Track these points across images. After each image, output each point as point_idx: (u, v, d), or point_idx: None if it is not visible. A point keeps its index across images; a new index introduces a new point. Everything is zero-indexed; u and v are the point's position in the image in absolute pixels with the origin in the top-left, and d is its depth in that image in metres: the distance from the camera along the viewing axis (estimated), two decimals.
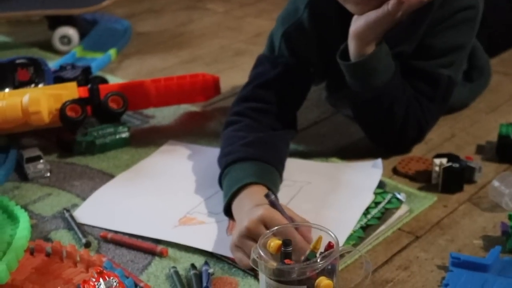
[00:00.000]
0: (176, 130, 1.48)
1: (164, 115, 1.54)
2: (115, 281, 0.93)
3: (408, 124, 1.28)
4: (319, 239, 0.88)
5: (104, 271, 0.94)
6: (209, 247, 1.07)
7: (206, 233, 1.12)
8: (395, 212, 1.12)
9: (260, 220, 0.99)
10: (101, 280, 0.93)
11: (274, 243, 0.89)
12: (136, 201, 1.22)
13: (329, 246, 0.87)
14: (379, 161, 1.24)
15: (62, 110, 1.34)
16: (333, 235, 0.88)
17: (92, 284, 0.93)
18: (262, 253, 0.86)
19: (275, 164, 1.16)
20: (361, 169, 1.25)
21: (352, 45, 1.19)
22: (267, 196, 1.02)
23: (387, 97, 1.24)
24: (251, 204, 1.04)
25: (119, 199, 1.23)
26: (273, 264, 0.85)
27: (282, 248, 0.87)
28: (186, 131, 1.47)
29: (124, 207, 1.20)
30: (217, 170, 1.20)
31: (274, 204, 1.01)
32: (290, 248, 0.87)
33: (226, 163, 1.16)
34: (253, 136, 1.20)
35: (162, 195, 1.24)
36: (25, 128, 1.34)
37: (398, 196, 1.15)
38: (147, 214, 1.18)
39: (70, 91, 1.38)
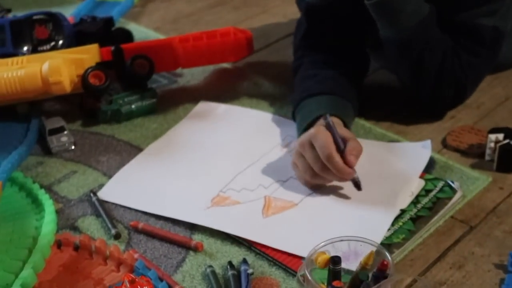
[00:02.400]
0: (206, 91, 1.38)
1: (193, 73, 1.43)
2: None
3: (442, 79, 1.18)
4: (371, 254, 0.80)
5: (137, 279, 0.87)
6: (243, 233, 1.00)
7: (240, 215, 1.05)
8: (447, 203, 1.03)
9: (308, 138, 1.04)
10: None
11: (322, 257, 0.81)
12: (166, 177, 1.14)
13: (383, 265, 0.78)
14: (428, 142, 1.15)
15: (84, 78, 1.24)
16: (388, 255, 0.79)
17: None
18: (308, 275, 0.78)
19: (349, 98, 1.18)
20: (408, 151, 1.15)
21: None
22: (324, 118, 1.06)
23: (416, 43, 1.15)
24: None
25: (147, 175, 1.15)
26: None
27: (331, 266, 0.80)
28: (217, 92, 1.37)
29: (153, 185, 1.13)
30: (254, 135, 1.23)
31: (328, 125, 1.05)
32: (340, 267, 0.79)
33: (300, 98, 1.17)
34: (325, 72, 1.20)
35: (194, 170, 1.16)
36: (45, 96, 1.25)
37: (452, 184, 1.06)
38: (177, 193, 1.10)
39: (92, 54, 1.27)
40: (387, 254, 0.80)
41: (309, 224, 1.01)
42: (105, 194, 1.11)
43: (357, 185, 1.05)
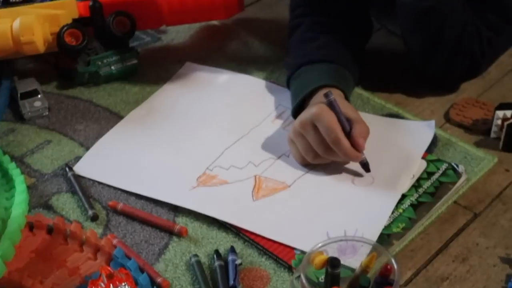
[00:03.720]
0: (191, 51, 1.29)
1: (178, 30, 1.33)
2: None
3: (458, 54, 1.09)
4: (373, 257, 0.73)
5: (115, 273, 0.80)
6: (232, 219, 0.93)
7: (229, 197, 0.96)
8: (451, 188, 0.96)
9: (311, 118, 0.96)
10: (111, 286, 0.80)
11: (319, 258, 0.74)
12: (147, 151, 1.05)
13: (386, 269, 0.72)
14: (432, 122, 1.07)
15: (59, 37, 1.14)
16: (392, 259, 0.72)
17: None
18: (304, 282, 0.71)
19: (350, 68, 1.10)
20: (411, 129, 1.07)
21: None
22: (326, 95, 0.97)
23: (437, 14, 1.06)
24: (313, 103, 1.00)
25: (127, 148, 1.06)
26: None
27: (329, 269, 0.73)
28: (203, 52, 1.28)
29: (133, 159, 1.04)
30: (243, 104, 1.14)
31: (332, 105, 0.96)
32: (338, 270, 0.72)
33: (298, 64, 1.09)
34: (326, 37, 1.12)
35: (178, 143, 1.07)
36: (16, 56, 1.15)
37: (456, 167, 0.98)
38: (160, 169, 1.02)
39: (69, 9, 1.17)
40: (391, 257, 0.73)
41: (303, 209, 0.94)
42: (81, 168, 1.02)
43: (366, 167, 0.98)
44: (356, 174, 0.99)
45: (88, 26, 1.18)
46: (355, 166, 1.00)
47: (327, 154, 0.97)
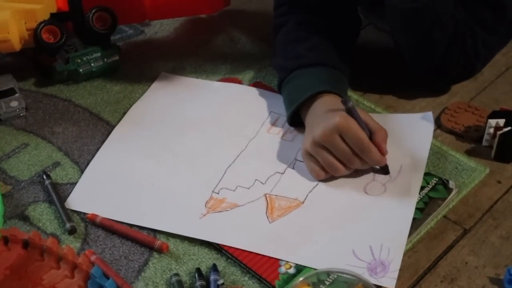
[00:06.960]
0: (175, 47, 1.24)
1: (162, 22, 1.28)
2: None
3: (450, 56, 1.06)
4: None
5: None
6: (251, 246, 0.87)
7: (243, 222, 0.91)
8: (440, 204, 0.93)
9: (336, 129, 0.92)
10: None
11: None
12: (144, 176, 0.98)
13: None
14: (429, 114, 1.04)
15: (36, 35, 1.09)
16: None
17: None
18: None
19: (343, 70, 1.06)
20: (408, 124, 1.04)
21: None
22: (344, 102, 0.93)
23: (427, 16, 1.01)
24: (324, 109, 0.96)
25: (122, 173, 0.98)
26: None
27: None
28: (187, 49, 1.23)
29: (131, 186, 0.96)
30: (233, 115, 1.08)
31: (351, 112, 0.93)
32: None
33: (292, 67, 1.05)
34: (315, 37, 1.08)
35: (176, 164, 0.99)
36: None
37: (446, 182, 0.95)
38: (162, 197, 0.95)
39: (46, 4, 1.12)
40: None
41: (323, 228, 0.90)
42: (75, 202, 0.95)
43: (386, 170, 0.96)
44: (365, 178, 0.96)
45: (67, 21, 1.13)
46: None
47: (352, 163, 0.94)
